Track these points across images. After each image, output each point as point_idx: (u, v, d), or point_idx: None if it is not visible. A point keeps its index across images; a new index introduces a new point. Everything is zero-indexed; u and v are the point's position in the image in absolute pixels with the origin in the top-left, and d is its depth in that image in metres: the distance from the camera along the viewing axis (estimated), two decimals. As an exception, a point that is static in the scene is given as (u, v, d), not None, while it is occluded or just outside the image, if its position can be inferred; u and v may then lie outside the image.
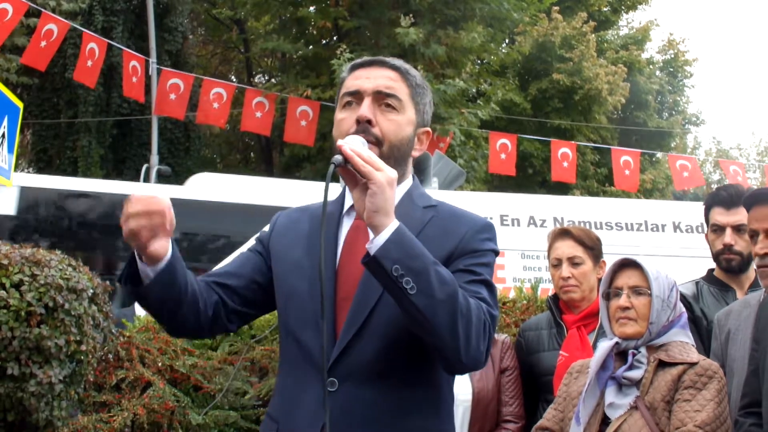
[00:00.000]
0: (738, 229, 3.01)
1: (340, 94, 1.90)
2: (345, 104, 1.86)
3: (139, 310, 5.57)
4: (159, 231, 1.59)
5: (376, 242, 1.57)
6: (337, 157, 1.61)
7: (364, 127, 1.78)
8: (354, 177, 1.62)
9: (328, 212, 1.86)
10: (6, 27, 9.55)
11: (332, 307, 1.72)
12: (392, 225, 1.59)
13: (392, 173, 1.60)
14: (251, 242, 2.00)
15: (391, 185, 1.59)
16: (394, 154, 1.79)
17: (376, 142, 1.77)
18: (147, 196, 1.60)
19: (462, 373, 1.83)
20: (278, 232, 1.92)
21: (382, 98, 1.82)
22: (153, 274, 1.65)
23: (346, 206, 1.87)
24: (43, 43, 10.29)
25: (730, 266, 3.06)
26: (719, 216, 3.08)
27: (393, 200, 1.60)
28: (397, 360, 1.70)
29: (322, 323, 1.64)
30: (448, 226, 1.81)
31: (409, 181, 1.91)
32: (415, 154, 1.91)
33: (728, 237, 3.03)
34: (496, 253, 1.84)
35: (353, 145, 1.63)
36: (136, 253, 1.65)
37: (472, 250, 1.78)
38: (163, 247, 1.63)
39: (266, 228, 1.98)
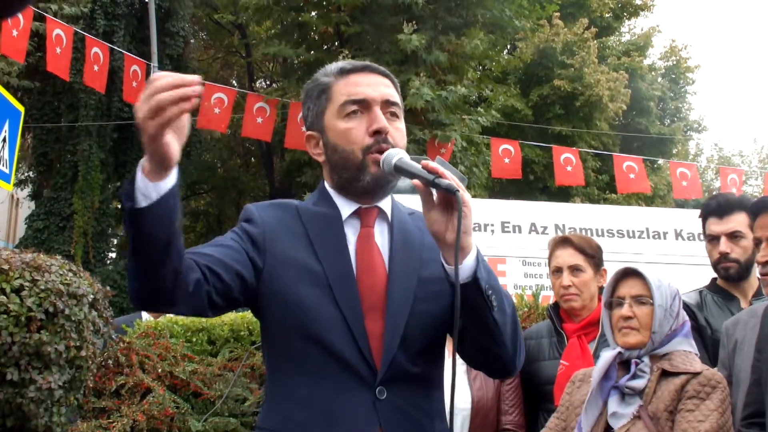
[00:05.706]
0: (732, 236, 3.00)
1: (340, 101, 1.77)
2: (350, 113, 1.75)
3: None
4: (185, 107, 1.39)
5: (468, 264, 1.55)
6: (449, 183, 1.51)
7: (383, 138, 1.72)
8: (431, 196, 1.57)
9: (325, 214, 1.77)
10: (21, 35, 9.53)
11: (361, 316, 1.67)
12: (474, 245, 1.59)
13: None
14: (231, 233, 1.76)
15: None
16: None
17: None
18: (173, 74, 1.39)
19: (508, 377, 1.84)
20: (271, 231, 1.73)
21: (387, 107, 1.77)
22: (156, 196, 1.41)
23: (344, 214, 1.77)
24: (58, 50, 10.29)
25: (728, 274, 3.04)
26: (713, 225, 3.07)
27: None
28: (428, 365, 1.74)
29: (359, 334, 1.65)
30: None
31: None
32: None
33: (723, 245, 3.02)
34: None
35: (437, 165, 1.57)
36: (140, 171, 1.43)
37: None
38: (177, 151, 1.41)
39: (245, 223, 1.77)
